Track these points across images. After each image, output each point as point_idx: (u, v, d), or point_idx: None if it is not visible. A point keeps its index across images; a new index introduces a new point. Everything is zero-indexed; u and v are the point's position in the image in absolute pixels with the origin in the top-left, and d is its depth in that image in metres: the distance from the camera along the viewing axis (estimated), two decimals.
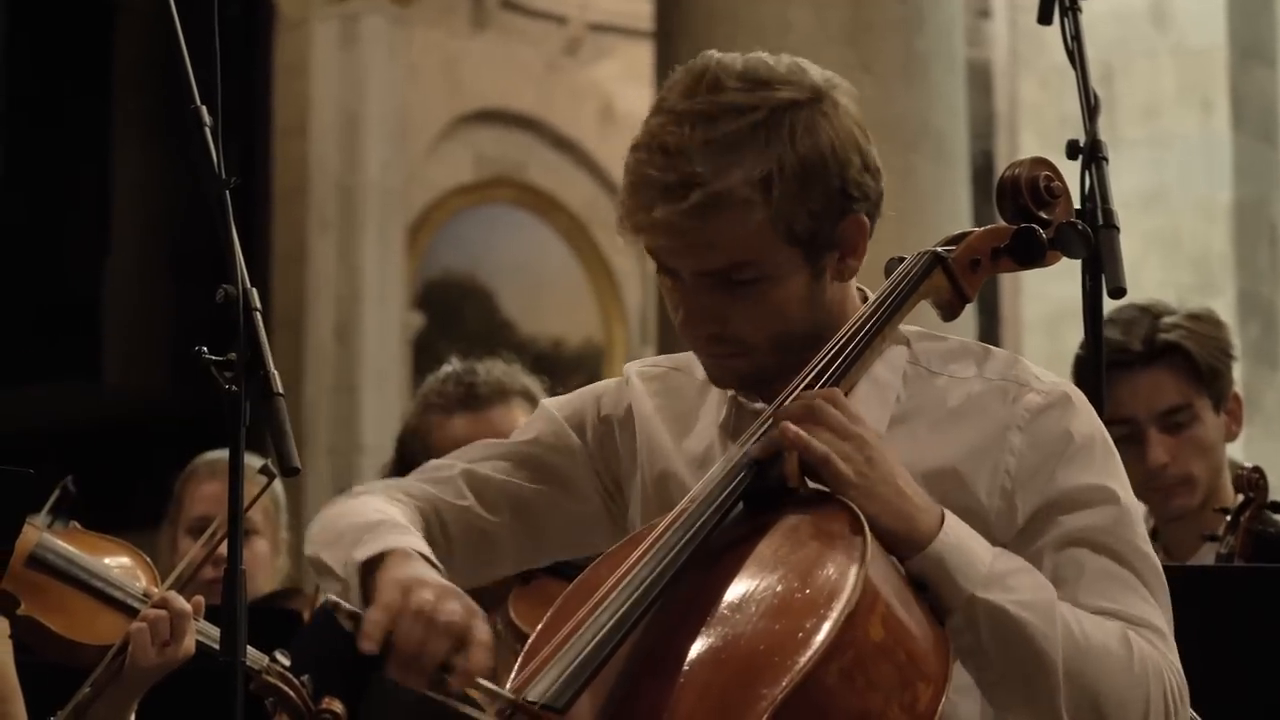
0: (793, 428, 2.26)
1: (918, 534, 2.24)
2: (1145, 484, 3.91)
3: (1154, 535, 4.03)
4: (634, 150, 2.34)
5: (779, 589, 2.16)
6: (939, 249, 2.48)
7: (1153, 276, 9.51)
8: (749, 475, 2.28)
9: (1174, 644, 2.32)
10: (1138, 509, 2.39)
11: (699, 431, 2.49)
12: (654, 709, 2.13)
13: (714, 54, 2.38)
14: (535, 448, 2.57)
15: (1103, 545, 2.32)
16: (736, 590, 2.20)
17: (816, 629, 2.09)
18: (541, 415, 2.61)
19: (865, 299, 2.46)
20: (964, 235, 2.50)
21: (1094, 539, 2.32)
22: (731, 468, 2.30)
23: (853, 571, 2.13)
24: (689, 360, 2.54)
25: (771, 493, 2.28)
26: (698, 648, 2.16)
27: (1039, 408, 2.36)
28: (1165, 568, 2.37)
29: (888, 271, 2.47)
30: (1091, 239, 2.47)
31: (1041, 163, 2.50)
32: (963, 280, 2.46)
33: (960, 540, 2.25)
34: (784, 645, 2.10)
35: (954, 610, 2.23)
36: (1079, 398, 2.39)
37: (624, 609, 2.19)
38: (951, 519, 2.26)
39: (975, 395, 2.39)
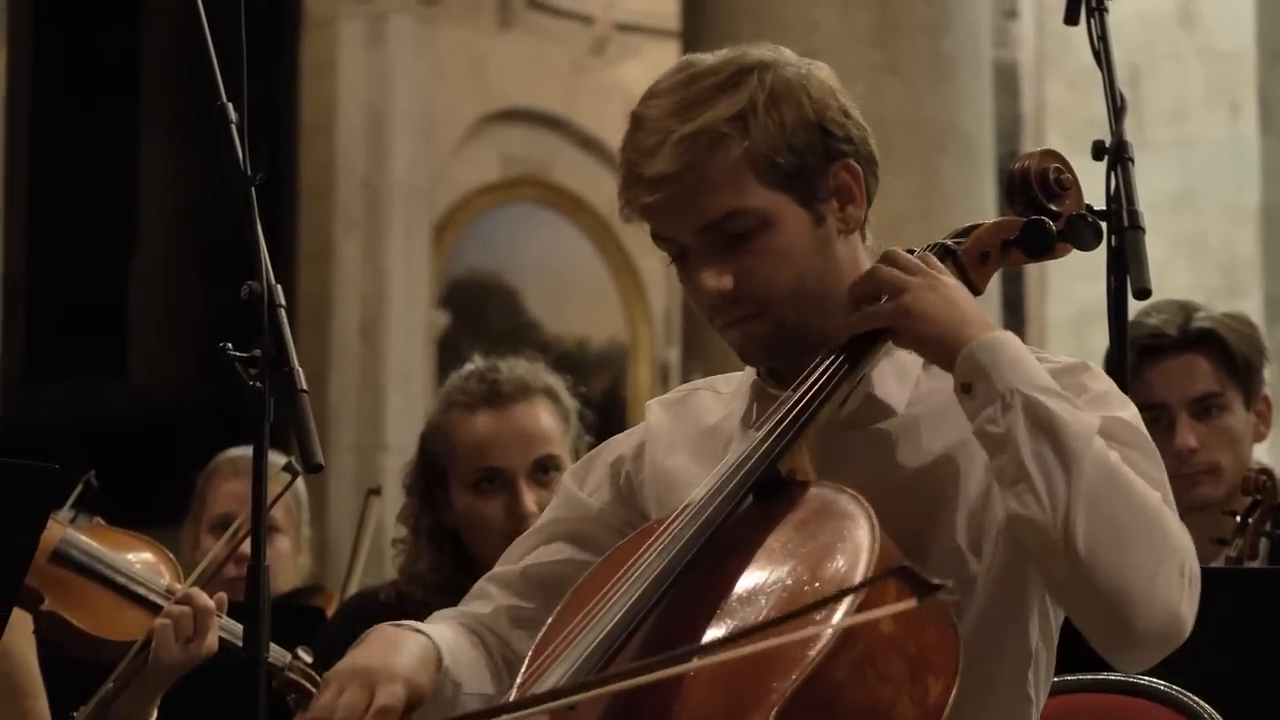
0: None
1: (964, 333, 2.26)
2: (1171, 471, 3.89)
3: None
4: (622, 142, 2.45)
5: (788, 581, 2.16)
6: (948, 241, 2.48)
7: (1179, 279, 9.49)
8: (758, 465, 2.28)
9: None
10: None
11: (719, 430, 2.49)
12: (664, 703, 2.12)
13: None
14: (553, 525, 2.58)
15: (1129, 460, 2.28)
16: (746, 583, 2.20)
17: (826, 621, 2.08)
18: (559, 490, 2.63)
19: None
20: (973, 228, 2.50)
21: (1122, 453, 2.28)
22: (740, 459, 2.30)
23: (862, 563, 2.13)
24: (713, 380, 2.57)
25: (781, 485, 2.28)
26: (707, 641, 2.15)
27: (1052, 372, 2.34)
28: None
29: None
30: (1102, 231, 2.47)
31: (1050, 155, 2.50)
32: (972, 273, 2.45)
33: (1020, 352, 2.27)
34: (794, 638, 2.09)
35: (991, 402, 2.23)
36: (1097, 367, 2.40)
37: (631, 603, 2.19)
38: (1014, 338, 2.28)
39: None
